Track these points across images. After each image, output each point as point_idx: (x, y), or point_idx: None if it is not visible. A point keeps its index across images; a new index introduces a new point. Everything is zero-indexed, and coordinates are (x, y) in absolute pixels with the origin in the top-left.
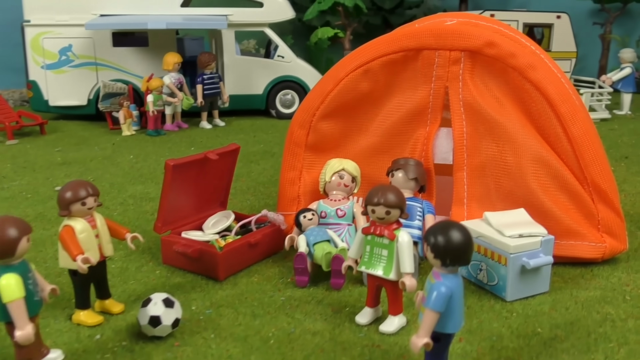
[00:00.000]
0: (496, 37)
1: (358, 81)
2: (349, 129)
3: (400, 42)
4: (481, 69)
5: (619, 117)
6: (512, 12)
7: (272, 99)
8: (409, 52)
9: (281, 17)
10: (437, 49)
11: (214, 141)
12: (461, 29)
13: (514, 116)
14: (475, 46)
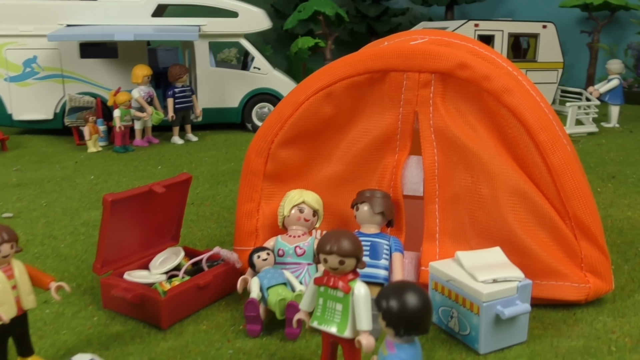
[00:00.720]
0: (469, 58)
1: (320, 105)
2: (311, 156)
3: (365, 63)
4: (453, 93)
5: (607, 130)
6: (497, 21)
7: (248, 112)
8: (375, 74)
9: (257, 27)
10: (405, 70)
11: (183, 158)
12: (431, 49)
13: (489, 144)
14: (446, 68)
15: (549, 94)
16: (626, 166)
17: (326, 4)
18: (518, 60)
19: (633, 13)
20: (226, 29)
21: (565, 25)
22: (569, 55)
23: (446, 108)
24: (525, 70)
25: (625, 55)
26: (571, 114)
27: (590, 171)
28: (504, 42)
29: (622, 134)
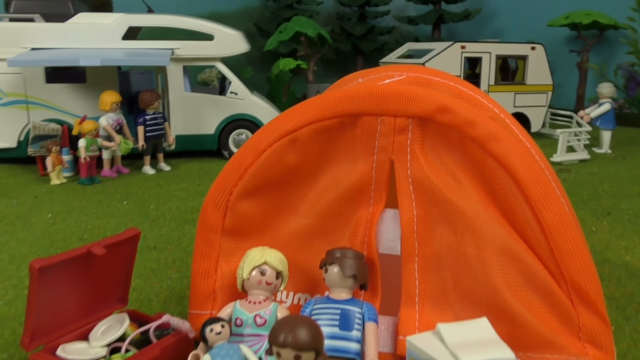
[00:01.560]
0: (450, 101)
1: (283, 153)
2: (275, 209)
3: (333, 106)
4: (433, 139)
5: (599, 156)
6: (484, 43)
7: (224, 139)
8: (345, 118)
9: (234, 50)
10: (379, 114)
11: (152, 192)
12: (407, 90)
13: (475, 197)
14: (425, 112)
15: (538, 117)
16: (621, 199)
17: (308, 25)
18: (506, 82)
19: (622, 32)
20: (201, 52)
21: (554, 44)
22: (558, 75)
23: (425, 156)
24: (513, 93)
25: (615, 76)
26: (562, 141)
27: (584, 206)
28: (492, 64)
29: (614, 160)
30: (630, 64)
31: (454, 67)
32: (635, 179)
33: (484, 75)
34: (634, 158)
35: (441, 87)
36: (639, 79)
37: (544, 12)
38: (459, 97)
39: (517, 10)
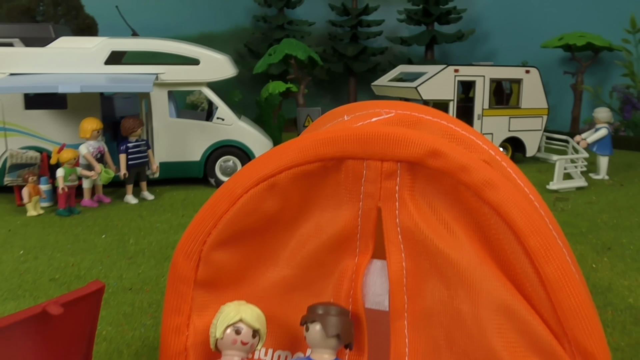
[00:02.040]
0: (442, 144)
1: (262, 199)
2: (253, 259)
3: (315, 149)
4: (424, 186)
5: (596, 183)
6: (478, 67)
7: (211, 166)
8: (328, 162)
9: (220, 75)
10: (364, 158)
11: (133, 224)
12: (395, 133)
13: (469, 249)
14: (414, 156)
15: (534, 141)
16: (621, 232)
17: (298, 48)
18: (501, 106)
19: (617, 54)
20: (187, 77)
21: (548, 65)
22: (552, 96)
23: (416, 204)
24: (508, 117)
25: (611, 98)
26: (558, 168)
27: (583, 239)
28: (486, 88)
29: (612, 188)
30: (626, 86)
31: (447, 91)
32: (634, 208)
33: (478, 99)
34: (632, 185)
35: (432, 126)
36: (634, 102)
37: (538, 34)
38: (452, 137)
39: (510, 31)
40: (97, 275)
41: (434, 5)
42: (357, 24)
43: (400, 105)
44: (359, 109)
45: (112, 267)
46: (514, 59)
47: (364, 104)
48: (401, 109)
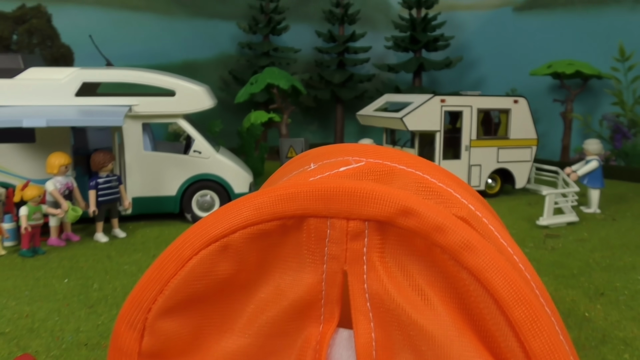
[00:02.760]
0: (415, 201)
1: (214, 262)
2: (206, 327)
3: (273, 207)
4: (395, 247)
5: (588, 217)
6: (465, 97)
7: (187, 201)
8: (288, 220)
9: (197, 107)
10: (328, 216)
11: (99, 266)
12: (362, 188)
13: (446, 319)
14: (384, 214)
15: (523, 173)
16: (614, 274)
17: (280, 77)
18: (489, 137)
19: (606, 82)
20: (162, 109)
21: (537, 92)
22: (542, 124)
23: (386, 267)
24: (496, 148)
25: (601, 126)
26: (548, 203)
27: (575, 283)
28: (473, 118)
29: (604, 222)
30: (616, 115)
31: (434, 121)
32: (627, 246)
33: (465, 129)
34: (624, 219)
35: (406, 177)
36: (624, 131)
37: (527, 61)
38: (427, 190)
39: (499, 58)
40: (51, 328)
41: (421, 33)
42: (343, 50)
43: (372, 151)
44: (327, 155)
45: (70, 318)
46: (502, 86)
47: (334, 149)
48: (373, 157)
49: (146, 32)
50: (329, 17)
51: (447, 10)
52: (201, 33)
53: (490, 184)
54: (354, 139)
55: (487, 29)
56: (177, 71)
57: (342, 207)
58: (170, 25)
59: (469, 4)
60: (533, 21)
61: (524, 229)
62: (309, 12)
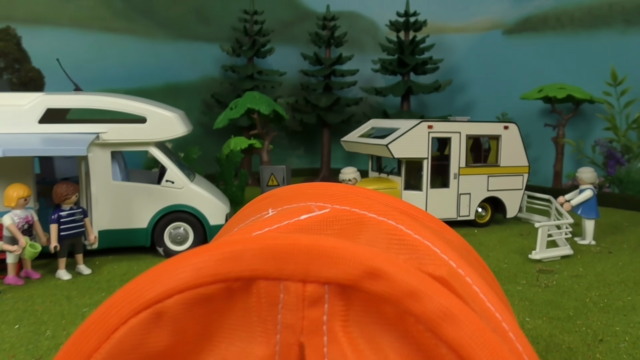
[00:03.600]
0: (384, 261)
1: (145, 332)
2: None
3: (215, 267)
4: (361, 316)
5: (583, 250)
6: (454, 122)
7: (159, 233)
8: (233, 283)
9: (169, 134)
10: (281, 279)
11: (56, 309)
12: (321, 245)
13: None
14: (347, 276)
15: (514, 201)
16: (614, 316)
17: (261, 101)
18: (478, 164)
19: (598, 107)
20: (132, 136)
21: (528, 117)
22: (533, 149)
23: (350, 339)
24: (486, 176)
25: (593, 152)
26: (541, 236)
27: (571, 326)
28: (462, 145)
29: (600, 256)
30: (609, 140)
31: (421, 148)
32: (625, 283)
33: (454, 156)
34: (621, 252)
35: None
36: (618, 156)
37: (517, 85)
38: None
39: (489, 82)
40: None
41: (409, 56)
42: (330, 73)
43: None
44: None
45: None
46: (493, 110)
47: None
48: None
49: (127, 54)
50: (315, 40)
51: (436, 33)
52: (184, 56)
53: (480, 213)
54: (341, 164)
55: (476, 52)
56: (159, 94)
57: (297, 267)
58: (152, 48)
59: (458, 26)
60: (523, 44)
61: (516, 263)
62: (294, 34)
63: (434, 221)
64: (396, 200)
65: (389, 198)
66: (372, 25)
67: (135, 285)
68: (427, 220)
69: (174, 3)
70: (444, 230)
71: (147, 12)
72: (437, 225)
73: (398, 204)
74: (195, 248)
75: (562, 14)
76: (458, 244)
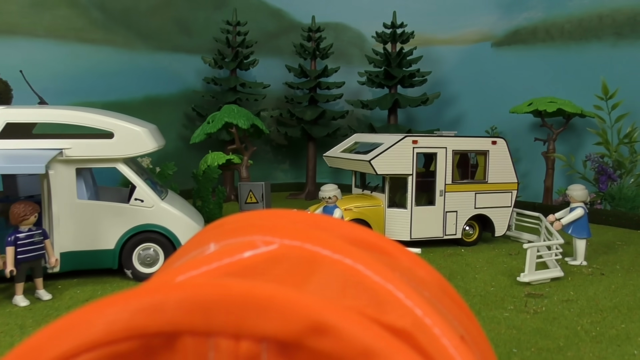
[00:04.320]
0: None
1: None
2: None
3: (130, 320)
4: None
5: (574, 271)
6: (439, 137)
7: (127, 255)
8: (152, 339)
9: (137, 150)
10: (210, 334)
11: (7, 339)
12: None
13: None
14: (288, 332)
15: (503, 219)
16: (607, 347)
17: (239, 115)
18: (465, 181)
19: (589, 121)
20: (98, 152)
21: (518, 130)
22: (523, 164)
23: None
24: (474, 193)
25: (585, 167)
26: (530, 258)
27: (562, 358)
28: (448, 161)
29: (592, 278)
30: (600, 156)
31: (405, 164)
32: (618, 309)
33: (440, 173)
34: (613, 274)
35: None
36: (609, 172)
37: (507, 98)
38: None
39: (478, 95)
40: None
41: (396, 68)
42: (315, 86)
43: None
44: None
45: None
46: (482, 123)
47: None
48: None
49: (104, 66)
50: (300, 51)
51: (424, 45)
52: (164, 67)
53: (467, 231)
54: (327, 179)
55: (465, 64)
56: (138, 107)
57: (229, 321)
58: (131, 59)
59: (446, 38)
60: (513, 57)
61: (504, 286)
62: (279, 45)
63: (405, 254)
64: (361, 230)
65: (351, 228)
66: (359, 36)
67: (35, 343)
68: (396, 253)
69: (154, 13)
70: (416, 266)
71: (126, 22)
72: (407, 259)
73: (362, 235)
74: (110, 296)
75: (552, 26)
76: (432, 281)
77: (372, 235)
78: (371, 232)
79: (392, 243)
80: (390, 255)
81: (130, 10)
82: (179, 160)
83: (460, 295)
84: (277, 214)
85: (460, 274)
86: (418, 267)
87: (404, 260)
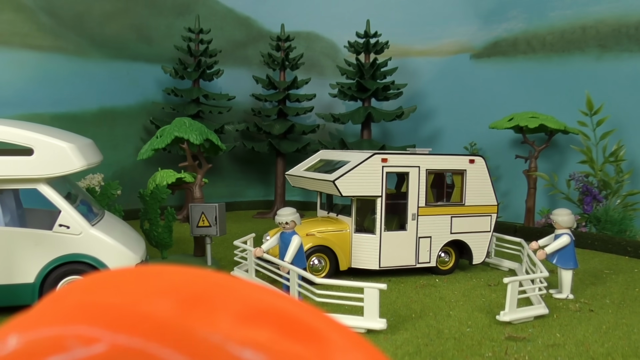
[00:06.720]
0: None
1: None
2: None
3: None
4: None
5: (559, 307)
6: (412, 155)
7: (49, 290)
8: None
9: (61, 169)
10: None
11: None
12: None
13: None
14: None
15: (481, 245)
16: None
17: (191, 129)
18: (440, 204)
19: (573, 137)
20: (15, 171)
21: (498, 146)
22: (504, 182)
23: None
24: (449, 217)
25: (568, 187)
26: (511, 294)
27: None
28: (421, 181)
29: (580, 315)
30: (585, 175)
31: (373, 185)
32: (612, 356)
33: (412, 194)
34: (603, 310)
35: None
36: (595, 192)
37: (486, 112)
38: None
39: (456, 109)
40: None
41: (369, 80)
42: (285, 98)
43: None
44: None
45: None
46: (461, 139)
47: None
48: (133, 328)
49: (53, 75)
50: (268, 62)
51: (399, 56)
52: (121, 77)
53: (442, 258)
54: (297, 196)
55: (443, 76)
56: (92, 119)
57: None
58: (84, 68)
59: (422, 49)
60: (492, 69)
61: (481, 325)
62: (246, 55)
63: (339, 335)
64: (281, 302)
65: (262, 301)
66: (332, 46)
67: None
68: (327, 334)
69: (110, 19)
70: (352, 352)
71: (78, 28)
72: (341, 343)
73: (278, 310)
74: None
75: (533, 37)
76: None
77: (294, 310)
78: (295, 304)
79: (323, 320)
80: (315, 341)
81: (82, 15)
82: (135, 177)
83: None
84: (153, 276)
85: (433, 310)
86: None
87: (334, 345)
